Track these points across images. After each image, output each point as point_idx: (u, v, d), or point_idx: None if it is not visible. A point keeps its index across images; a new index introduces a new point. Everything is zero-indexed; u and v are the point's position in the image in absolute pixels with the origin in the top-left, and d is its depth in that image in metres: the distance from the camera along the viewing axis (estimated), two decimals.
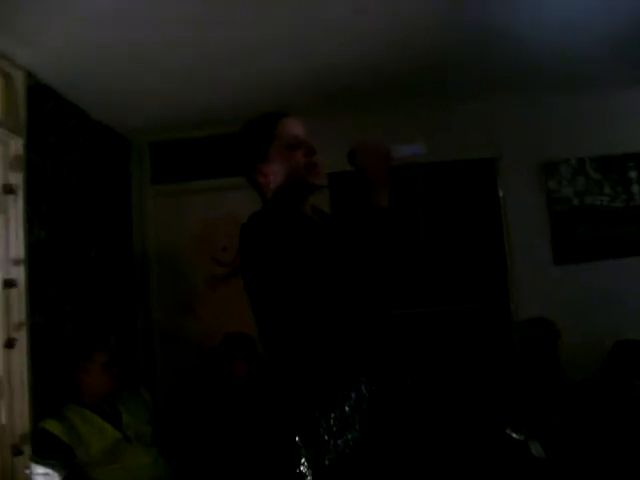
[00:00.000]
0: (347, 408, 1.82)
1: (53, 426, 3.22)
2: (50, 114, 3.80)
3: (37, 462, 3.17)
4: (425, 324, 4.55)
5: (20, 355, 3.30)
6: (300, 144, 2.09)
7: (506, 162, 4.62)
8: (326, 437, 1.80)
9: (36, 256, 3.50)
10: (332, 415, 1.81)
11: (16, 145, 3.43)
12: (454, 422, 3.96)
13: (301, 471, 1.81)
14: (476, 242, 4.65)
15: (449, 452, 3.80)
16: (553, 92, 4.46)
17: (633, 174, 4.52)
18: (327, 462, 1.79)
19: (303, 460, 1.81)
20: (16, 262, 3.35)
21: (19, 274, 3.35)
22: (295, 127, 2.12)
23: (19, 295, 3.34)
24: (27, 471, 3.16)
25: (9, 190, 3.36)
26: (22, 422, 3.26)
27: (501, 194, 4.63)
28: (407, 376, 2.05)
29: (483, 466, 3.42)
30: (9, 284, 3.30)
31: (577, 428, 3.42)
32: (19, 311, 3.33)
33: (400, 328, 2.12)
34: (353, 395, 1.84)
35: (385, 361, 1.97)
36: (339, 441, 1.79)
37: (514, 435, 3.40)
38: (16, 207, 3.39)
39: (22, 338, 3.31)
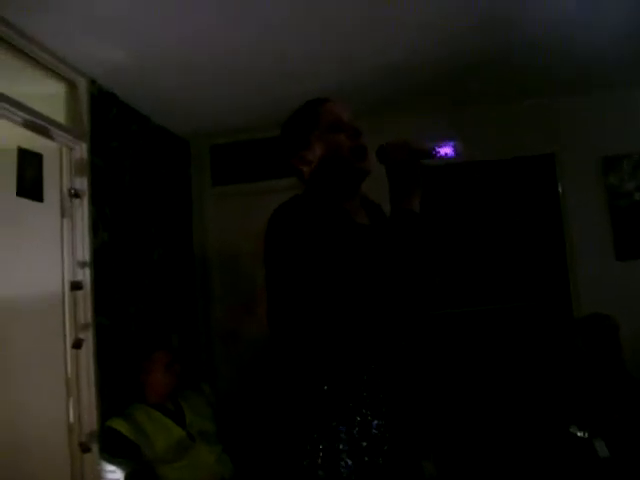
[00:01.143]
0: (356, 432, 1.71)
1: (120, 425, 3.30)
2: (113, 120, 3.89)
3: (105, 459, 3.26)
4: (487, 322, 4.52)
5: (87, 355, 3.39)
6: (343, 127, 1.96)
7: (566, 158, 4.55)
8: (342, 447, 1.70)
9: (101, 259, 3.59)
10: (352, 430, 1.71)
11: (81, 150, 3.53)
12: (517, 421, 3.94)
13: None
14: (537, 239, 4.59)
15: (513, 452, 3.79)
16: (614, 86, 4.38)
17: None
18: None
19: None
20: (82, 265, 3.44)
21: (85, 276, 3.45)
22: (338, 110, 2.00)
23: (85, 297, 3.43)
24: (98, 467, 3.24)
25: (75, 194, 3.45)
26: (90, 420, 3.35)
27: (561, 190, 4.57)
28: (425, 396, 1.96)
29: (548, 465, 3.39)
30: (76, 286, 3.39)
31: None
32: (85, 312, 3.43)
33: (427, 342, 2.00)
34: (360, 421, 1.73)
35: (400, 386, 1.83)
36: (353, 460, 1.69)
37: (578, 433, 3.35)
38: (82, 211, 3.49)
39: (88, 339, 3.40)
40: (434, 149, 1.86)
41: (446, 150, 1.86)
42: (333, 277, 1.72)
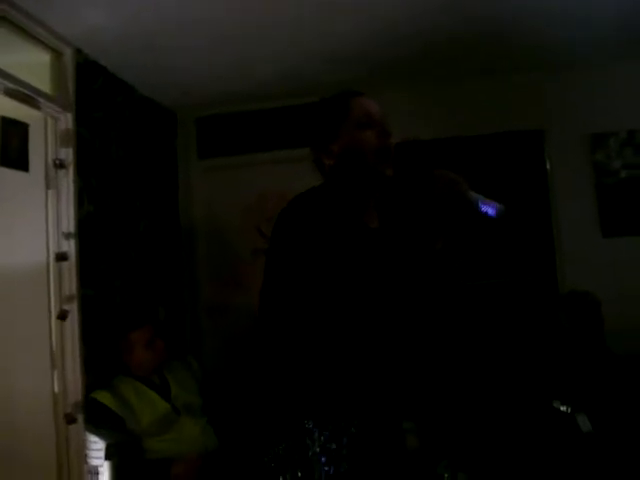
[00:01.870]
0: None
1: (104, 397, 3.31)
2: (98, 90, 3.85)
3: (90, 431, 3.26)
4: (472, 298, 4.54)
5: (72, 327, 3.38)
6: (373, 124, 1.92)
7: (554, 134, 4.55)
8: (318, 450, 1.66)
9: (86, 230, 3.57)
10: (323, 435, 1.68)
11: (66, 120, 3.49)
12: (500, 396, 3.96)
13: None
14: (524, 215, 4.60)
15: (495, 425, 3.82)
16: (602, 63, 4.37)
17: None
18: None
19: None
20: (67, 236, 3.42)
21: (70, 248, 3.43)
22: (369, 106, 1.96)
23: (70, 268, 3.42)
24: (83, 438, 3.25)
25: (60, 165, 3.42)
26: (75, 391, 3.35)
27: (548, 166, 4.57)
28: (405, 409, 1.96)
29: (530, 439, 3.42)
30: (61, 257, 3.37)
31: (623, 401, 3.40)
32: (70, 284, 3.41)
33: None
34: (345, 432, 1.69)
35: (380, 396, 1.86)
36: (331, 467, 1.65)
37: (561, 408, 3.38)
38: (67, 182, 3.46)
39: (74, 310, 3.39)
40: (479, 202, 1.86)
41: (489, 209, 1.86)
42: (326, 279, 1.73)
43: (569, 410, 3.35)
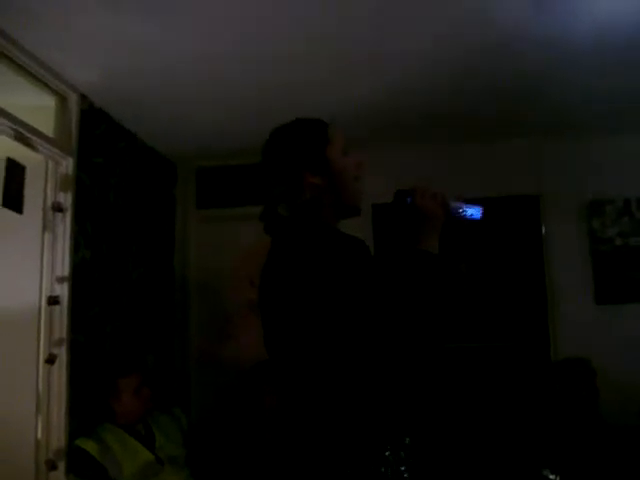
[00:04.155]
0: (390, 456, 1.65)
1: (88, 445, 3.25)
2: (101, 136, 3.88)
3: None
4: (466, 360, 4.51)
5: (60, 371, 3.34)
6: (349, 152, 1.92)
7: (550, 200, 4.59)
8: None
9: (80, 275, 3.55)
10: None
11: (67, 165, 3.51)
12: (490, 462, 3.92)
13: None
14: (518, 279, 4.61)
15: None
16: (601, 132, 4.44)
17: None
18: None
19: None
20: (60, 280, 3.41)
21: (63, 292, 3.41)
22: (344, 136, 1.94)
23: (61, 312, 3.39)
24: None
25: (58, 209, 3.42)
26: (58, 437, 3.30)
27: (544, 232, 4.60)
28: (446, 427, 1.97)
29: None
30: (53, 301, 3.35)
31: (613, 471, 3.36)
32: (61, 328, 3.38)
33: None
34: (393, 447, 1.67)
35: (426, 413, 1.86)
36: None
37: (550, 476, 3.34)
38: (64, 226, 3.45)
39: (62, 355, 3.35)
40: (462, 208, 1.88)
41: (472, 211, 1.88)
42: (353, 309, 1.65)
43: (558, 479, 3.32)
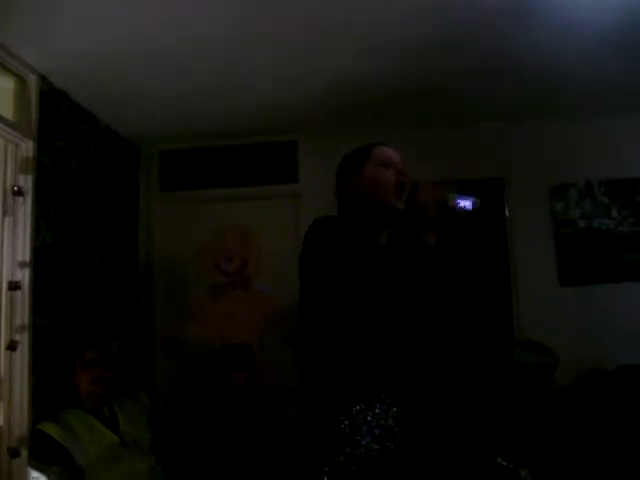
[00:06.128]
0: (369, 417, 1.96)
1: (50, 428, 3.21)
2: (62, 118, 3.82)
3: (33, 465, 3.16)
4: (431, 341, 4.52)
5: (22, 357, 3.30)
6: (392, 165, 2.26)
7: (514, 183, 4.62)
8: (347, 440, 1.93)
9: (42, 260, 3.50)
10: (356, 420, 1.94)
11: (27, 148, 3.45)
12: (445, 451, 3.94)
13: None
14: (482, 262, 4.63)
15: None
16: (564, 115, 4.47)
17: None
18: (354, 467, 1.90)
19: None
20: (22, 265, 3.36)
21: (24, 277, 3.36)
22: (388, 151, 2.30)
23: (23, 298, 3.34)
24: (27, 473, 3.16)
25: (18, 192, 3.37)
26: (21, 424, 3.26)
27: (507, 214, 4.63)
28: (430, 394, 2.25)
29: None
30: (14, 286, 3.30)
31: (568, 455, 3.42)
32: (22, 314, 3.33)
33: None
34: (377, 406, 1.98)
35: (411, 377, 2.13)
36: (361, 448, 1.92)
37: (504, 464, 3.37)
38: (24, 210, 3.40)
39: (24, 341, 3.31)
40: (457, 199, 2.11)
41: (465, 203, 2.10)
42: (353, 288, 2.00)
43: (512, 466, 3.35)
